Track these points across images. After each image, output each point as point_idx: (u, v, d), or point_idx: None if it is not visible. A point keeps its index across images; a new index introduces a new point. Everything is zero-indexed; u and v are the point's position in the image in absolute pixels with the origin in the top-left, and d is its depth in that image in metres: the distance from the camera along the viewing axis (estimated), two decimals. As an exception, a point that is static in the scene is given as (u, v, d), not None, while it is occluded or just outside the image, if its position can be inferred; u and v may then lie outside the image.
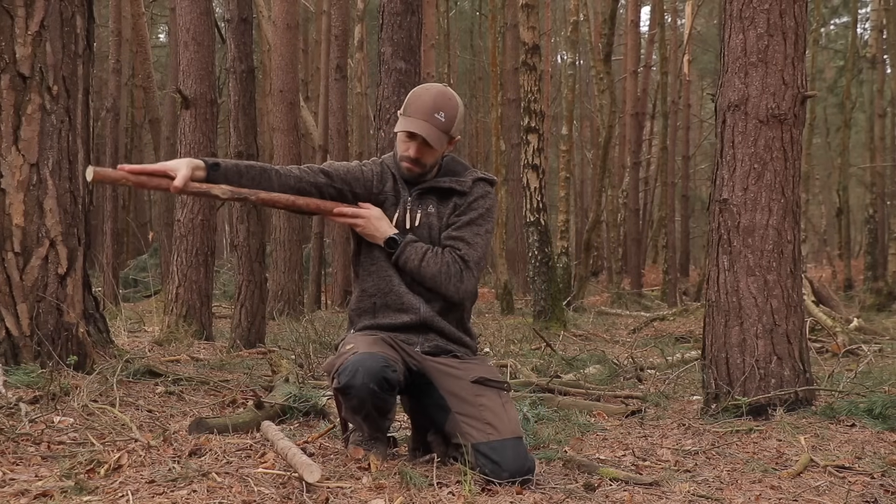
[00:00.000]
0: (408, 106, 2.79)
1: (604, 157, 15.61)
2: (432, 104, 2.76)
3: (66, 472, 2.43)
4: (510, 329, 8.62)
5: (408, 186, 2.85)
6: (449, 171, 2.88)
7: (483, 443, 2.55)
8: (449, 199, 2.85)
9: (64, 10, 4.04)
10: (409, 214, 2.82)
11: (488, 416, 2.60)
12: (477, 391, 2.66)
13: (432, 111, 2.75)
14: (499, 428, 2.57)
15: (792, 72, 3.76)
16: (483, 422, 2.58)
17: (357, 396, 2.54)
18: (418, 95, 2.80)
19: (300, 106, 13.66)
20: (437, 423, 2.71)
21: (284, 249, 11.53)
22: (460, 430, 2.61)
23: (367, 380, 2.49)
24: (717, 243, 3.84)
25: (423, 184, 2.85)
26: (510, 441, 2.56)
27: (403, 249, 2.76)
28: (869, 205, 18.14)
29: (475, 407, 2.62)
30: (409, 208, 2.82)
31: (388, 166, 2.89)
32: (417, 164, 2.80)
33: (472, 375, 2.70)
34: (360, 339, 2.71)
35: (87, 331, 4.14)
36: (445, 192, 2.85)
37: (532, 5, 10.23)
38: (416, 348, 2.76)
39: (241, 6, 6.79)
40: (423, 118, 2.74)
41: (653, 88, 21.28)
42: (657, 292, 17.41)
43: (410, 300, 2.77)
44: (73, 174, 4.08)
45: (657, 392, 4.56)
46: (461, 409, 2.63)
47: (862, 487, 2.62)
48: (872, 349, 6.44)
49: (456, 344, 2.81)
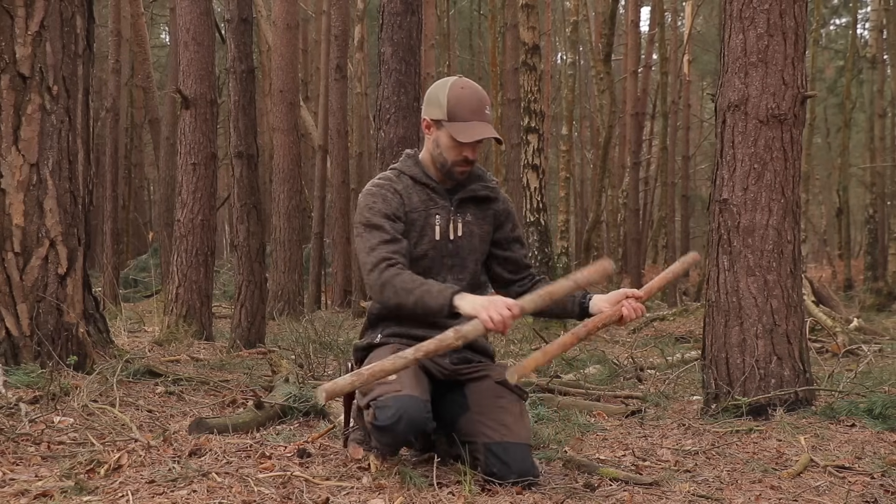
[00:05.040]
0: (454, 111, 2.64)
1: (604, 157, 15.60)
2: (479, 101, 2.65)
3: (66, 472, 2.43)
4: (510, 329, 8.60)
5: (447, 195, 2.74)
6: (473, 174, 2.79)
7: (496, 442, 2.53)
8: (486, 206, 2.79)
9: (64, 10, 4.04)
10: (451, 224, 2.72)
11: (506, 418, 2.59)
12: (498, 392, 2.65)
13: (483, 108, 2.65)
14: (514, 430, 2.56)
15: (792, 72, 3.76)
16: (499, 423, 2.57)
17: (393, 441, 2.48)
18: (460, 98, 2.64)
19: (300, 106, 13.66)
20: (452, 420, 2.66)
21: (284, 249, 11.52)
22: (475, 428, 2.59)
23: (409, 430, 2.43)
24: (717, 243, 3.84)
25: (460, 192, 2.75)
26: (523, 445, 2.55)
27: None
28: (869, 205, 18.14)
29: (494, 408, 2.61)
30: (451, 218, 2.73)
31: (413, 178, 2.73)
32: (471, 164, 2.72)
33: (497, 376, 2.68)
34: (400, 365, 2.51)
35: (87, 331, 4.14)
36: (482, 200, 2.79)
37: (532, 5, 10.23)
38: (446, 360, 2.71)
39: (241, 6, 6.78)
40: (481, 119, 2.64)
41: (653, 88, 21.27)
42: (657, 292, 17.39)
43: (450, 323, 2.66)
44: (73, 174, 4.08)
45: (657, 392, 4.56)
46: (480, 408, 2.62)
47: (862, 487, 2.62)
48: (872, 349, 6.44)
49: (482, 354, 2.80)
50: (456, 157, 2.67)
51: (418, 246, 2.70)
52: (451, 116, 2.64)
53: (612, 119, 15.66)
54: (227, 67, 6.86)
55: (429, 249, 2.71)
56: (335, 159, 13.58)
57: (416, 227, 2.70)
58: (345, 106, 13.89)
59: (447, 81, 2.71)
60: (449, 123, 2.65)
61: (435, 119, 2.69)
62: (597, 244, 22.46)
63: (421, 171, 2.75)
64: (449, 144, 2.67)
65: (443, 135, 2.68)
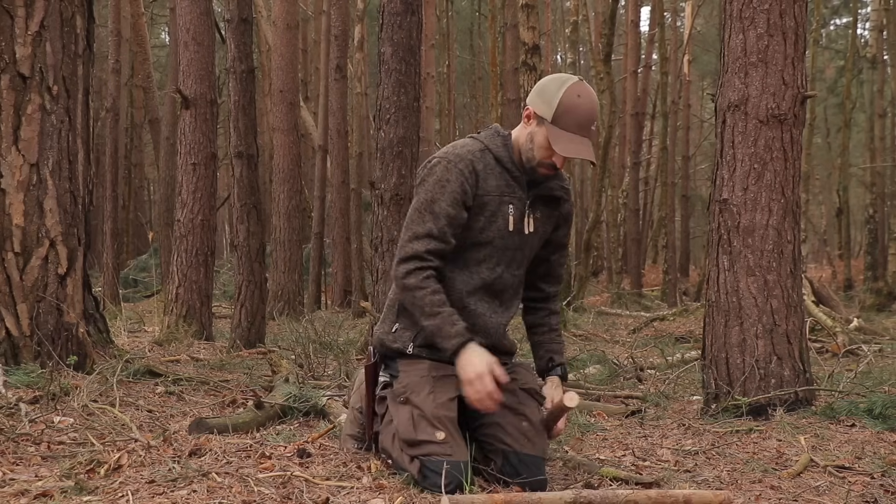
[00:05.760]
0: (562, 117, 2.50)
1: (604, 157, 15.57)
2: (589, 115, 2.51)
3: (66, 472, 2.43)
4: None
5: (526, 187, 2.63)
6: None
7: (514, 452, 2.51)
8: (556, 206, 2.71)
9: (64, 10, 4.04)
10: (526, 219, 2.63)
11: (527, 429, 2.56)
12: (522, 399, 2.61)
13: (590, 123, 2.52)
14: (534, 442, 2.55)
15: (792, 72, 3.76)
16: (520, 431, 2.55)
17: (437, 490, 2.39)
18: (574, 106, 2.50)
19: (300, 106, 13.66)
20: (469, 420, 2.60)
21: (284, 249, 11.53)
22: (495, 431, 2.56)
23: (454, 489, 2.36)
24: (717, 243, 3.84)
25: (539, 187, 2.65)
26: (539, 458, 2.54)
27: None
28: (869, 205, 18.14)
29: (517, 415, 2.58)
30: (526, 211, 2.63)
31: (498, 158, 2.60)
32: (557, 171, 2.62)
33: (523, 383, 2.65)
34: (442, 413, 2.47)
35: (87, 331, 4.14)
36: (555, 200, 2.70)
37: (532, 5, 10.24)
38: None
39: (241, 6, 6.79)
40: (585, 135, 2.51)
41: (653, 88, 21.28)
42: (657, 292, 17.41)
43: (488, 321, 2.67)
44: (73, 174, 4.08)
45: (657, 392, 4.56)
46: (502, 413, 2.57)
47: (862, 487, 2.62)
48: (872, 349, 6.44)
49: (508, 355, 2.76)
50: (545, 158, 2.55)
51: (485, 232, 2.59)
52: (557, 121, 2.51)
53: (612, 119, 15.64)
54: (227, 67, 6.86)
55: (495, 238, 2.60)
56: (335, 159, 13.58)
57: (486, 212, 2.58)
58: (345, 106, 13.89)
59: (565, 81, 2.55)
60: (551, 126, 2.52)
61: (539, 114, 2.55)
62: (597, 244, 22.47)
63: (508, 153, 2.61)
64: (543, 145, 2.54)
65: (540, 133, 2.54)
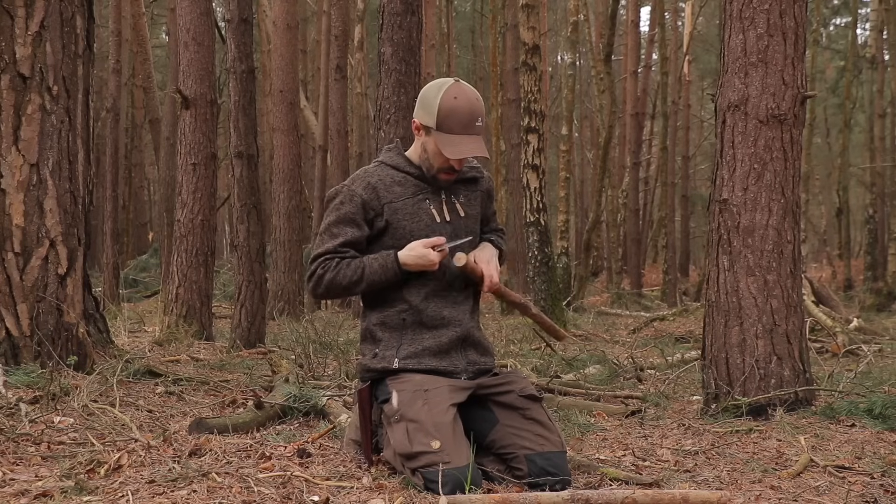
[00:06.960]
0: (444, 122, 2.60)
1: (604, 157, 15.61)
2: (471, 114, 2.61)
3: (66, 472, 2.43)
4: (510, 329, 8.62)
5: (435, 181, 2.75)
6: None
7: (538, 453, 2.52)
8: (474, 186, 2.84)
9: (64, 10, 4.04)
10: (451, 206, 2.76)
11: (541, 430, 2.58)
12: (525, 403, 2.63)
13: (474, 121, 2.61)
14: (552, 440, 2.56)
15: (792, 72, 3.76)
16: (535, 433, 2.57)
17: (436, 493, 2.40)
18: (452, 109, 2.59)
19: (300, 106, 13.66)
20: (480, 434, 2.62)
21: (284, 249, 11.53)
22: (511, 440, 2.57)
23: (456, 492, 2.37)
24: (717, 243, 3.84)
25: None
26: (562, 453, 2.55)
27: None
28: (869, 205, 18.15)
29: (526, 419, 2.60)
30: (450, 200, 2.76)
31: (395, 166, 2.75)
32: (457, 173, 2.73)
33: (521, 390, 2.66)
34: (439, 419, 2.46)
35: (87, 331, 4.14)
36: (472, 180, 2.84)
37: (532, 5, 10.24)
38: (462, 377, 2.69)
39: (242, 6, 6.78)
40: (472, 132, 2.61)
41: (653, 89, 21.28)
42: (657, 292, 17.42)
43: (452, 312, 2.70)
44: (73, 174, 4.08)
45: (657, 392, 4.56)
46: (511, 420, 2.60)
47: (862, 487, 2.62)
48: (872, 349, 6.44)
49: (486, 355, 2.77)
50: (442, 164, 2.67)
51: (415, 233, 2.68)
52: (441, 127, 2.61)
53: (612, 119, 15.66)
54: (227, 67, 6.86)
55: (428, 234, 2.69)
56: (335, 159, 13.59)
57: (404, 215, 2.69)
58: (345, 106, 13.90)
59: (442, 86, 2.65)
60: (437, 133, 2.62)
61: (425, 125, 2.67)
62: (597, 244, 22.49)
63: (404, 160, 2.77)
64: (436, 152, 2.66)
65: (430, 142, 2.67)
